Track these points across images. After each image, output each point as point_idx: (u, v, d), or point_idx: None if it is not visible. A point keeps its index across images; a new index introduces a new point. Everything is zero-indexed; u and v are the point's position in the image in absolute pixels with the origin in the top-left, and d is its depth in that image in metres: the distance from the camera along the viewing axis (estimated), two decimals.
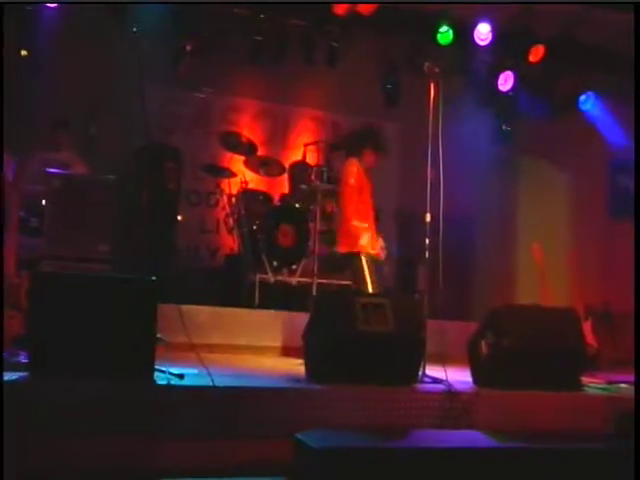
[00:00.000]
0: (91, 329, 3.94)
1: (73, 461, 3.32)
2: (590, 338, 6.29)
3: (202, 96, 8.00)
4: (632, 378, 5.42)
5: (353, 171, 6.02)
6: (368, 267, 5.92)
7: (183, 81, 7.84)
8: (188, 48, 7.57)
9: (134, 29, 5.38)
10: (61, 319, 3.91)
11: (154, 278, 4.24)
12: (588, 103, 8.71)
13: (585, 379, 5.09)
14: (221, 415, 3.90)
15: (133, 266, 6.07)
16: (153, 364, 4.09)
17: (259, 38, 7.72)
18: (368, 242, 5.95)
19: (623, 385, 5.36)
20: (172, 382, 4.04)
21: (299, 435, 3.52)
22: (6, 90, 5.19)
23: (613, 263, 8.21)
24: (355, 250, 5.95)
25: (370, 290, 5.83)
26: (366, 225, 5.99)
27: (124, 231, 6.22)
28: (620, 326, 6.97)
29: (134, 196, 6.78)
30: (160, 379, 4.04)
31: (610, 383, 5.34)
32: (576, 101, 8.69)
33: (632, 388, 5.28)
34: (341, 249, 6.10)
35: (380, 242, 6.12)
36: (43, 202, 5.58)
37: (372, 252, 5.97)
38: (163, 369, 4.15)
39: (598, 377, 5.46)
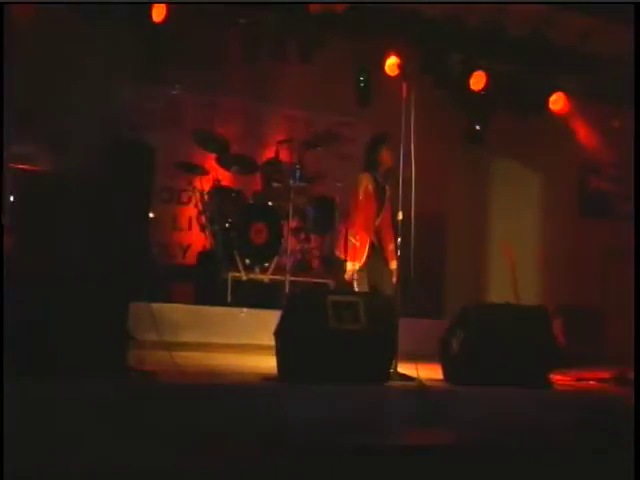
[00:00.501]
0: (61, 329, 3.90)
1: (42, 463, 3.28)
2: (560, 336, 6.37)
3: (174, 93, 7.94)
4: (600, 375, 5.52)
5: (362, 186, 6.06)
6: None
7: (155, 78, 7.78)
8: (160, 44, 7.51)
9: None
10: (32, 319, 3.87)
11: (125, 276, 4.21)
12: (558, 103, 8.80)
13: (555, 376, 5.16)
14: (192, 413, 3.89)
15: (104, 264, 6.02)
16: (125, 363, 4.06)
17: (231, 35, 7.68)
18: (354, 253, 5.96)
19: (592, 382, 5.45)
20: (146, 381, 4.02)
21: (271, 432, 3.54)
22: None
23: (583, 261, 8.31)
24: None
25: None
26: (358, 244, 5.96)
27: (94, 229, 6.16)
28: (589, 323, 7.08)
29: (105, 193, 6.72)
30: (132, 378, 4.02)
31: (579, 380, 5.42)
32: (546, 101, 8.77)
33: (600, 385, 5.38)
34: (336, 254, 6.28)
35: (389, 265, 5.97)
36: (11, 199, 5.52)
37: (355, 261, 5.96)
38: (135, 368, 4.13)
39: (567, 374, 5.54)
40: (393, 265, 5.87)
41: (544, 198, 9.11)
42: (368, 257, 5.98)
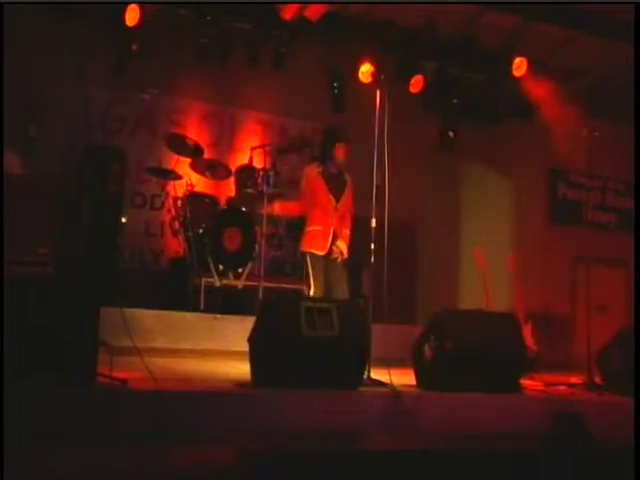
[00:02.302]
0: (31, 334, 3.86)
1: (10, 470, 3.24)
2: (530, 341, 6.44)
3: (147, 97, 7.90)
4: (568, 380, 5.59)
5: (305, 176, 6.22)
6: (313, 268, 6.00)
7: (127, 82, 7.74)
8: (134, 48, 7.47)
9: None
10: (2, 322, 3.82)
11: (96, 281, 4.18)
12: (529, 112, 8.90)
13: (524, 381, 5.21)
14: (165, 420, 3.86)
15: (75, 269, 5.97)
16: (96, 369, 4.03)
17: (205, 40, 7.67)
18: (314, 243, 6.04)
19: (560, 387, 5.51)
20: (115, 387, 3.99)
21: (244, 440, 3.52)
22: None
23: (552, 268, 8.42)
24: (301, 250, 6.16)
25: (312, 291, 5.95)
26: (319, 227, 6.07)
27: (66, 233, 6.11)
28: (558, 329, 7.17)
29: (77, 198, 6.67)
30: (102, 384, 3.99)
31: (548, 385, 5.48)
32: (517, 109, 8.87)
33: (570, 390, 5.44)
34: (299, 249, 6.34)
35: (340, 244, 6.12)
36: None
37: (318, 253, 6.02)
38: (106, 374, 4.09)
39: (537, 379, 5.60)
40: (343, 247, 6.09)
41: (514, 204, 9.21)
42: (331, 244, 6.08)
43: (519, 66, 8.21)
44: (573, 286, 8.39)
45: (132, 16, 7.08)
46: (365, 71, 7.77)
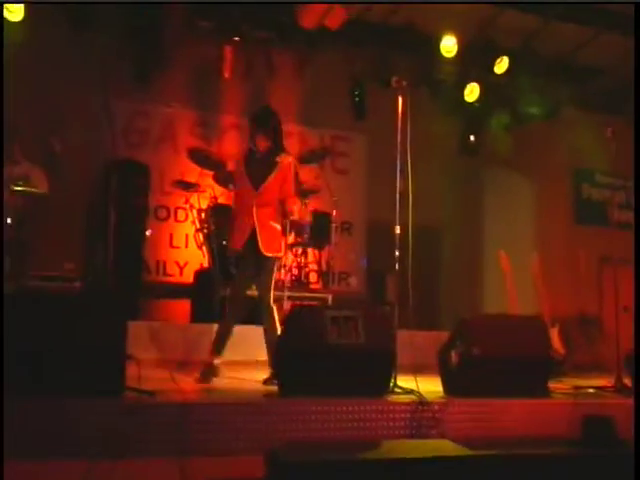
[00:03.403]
0: (60, 348, 3.91)
1: None
2: (557, 344, 6.38)
3: (170, 110, 7.99)
4: (598, 383, 5.52)
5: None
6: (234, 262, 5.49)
7: (149, 95, 7.82)
8: (154, 62, 7.54)
9: None
10: (29, 339, 3.88)
11: (123, 294, 4.22)
12: (551, 113, 8.85)
13: (553, 385, 5.17)
14: (193, 432, 3.89)
15: (101, 283, 6.04)
16: (124, 382, 4.07)
17: (226, 51, 7.71)
18: (232, 237, 5.37)
19: (589, 390, 5.45)
20: (143, 400, 4.02)
21: (272, 450, 3.53)
22: None
23: (578, 269, 8.33)
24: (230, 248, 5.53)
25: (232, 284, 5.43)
26: (237, 219, 5.34)
27: (92, 248, 6.18)
28: (586, 331, 7.09)
29: (102, 212, 6.74)
30: (131, 397, 4.03)
31: (577, 388, 5.42)
32: (539, 110, 8.83)
33: (598, 393, 5.38)
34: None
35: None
36: (9, 221, 5.52)
37: (235, 247, 5.31)
38: (134, 387, 4.13)
39: (565, 383, 5.54)
40: (266, 251, 5.24)
41: (538, 206, 9.15)
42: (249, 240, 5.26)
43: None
44: (600, 287, 8.30)
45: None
46: (386, 77, 7.76)
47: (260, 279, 5.28)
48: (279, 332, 5.04)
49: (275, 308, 5.34)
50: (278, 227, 5.33)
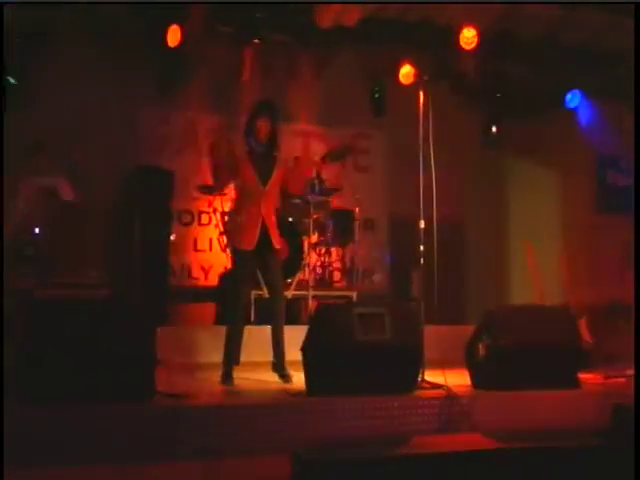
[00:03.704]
0: (91, 355, 3.98)
1: None
2: (586, 334, 6.32)
3: (191, 115, 8.06)
4: (629, 372, 5.46)
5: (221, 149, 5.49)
6: (240, 264, 5.24)
7: (171, 102, 7.88)
8: (176, 68, 7.59)
9: None
10: (60, 346, 3.95)
11: (151, 300, 4.27)
12: (574, 101, 8.77)
13: (582, 375, 5.12)
14: (223, 434, 3.93)
15: (130, 289, 6.11)
16: (154, 387, 4.12)
17: (246, 56, 7.74)
18: (240, 237, 5.18)
19: (620, 379, 5.40)
20: (174, 403, 4.07)
21: (298, 449, 3.55)
22: None
23: (604, 258, 8.24)
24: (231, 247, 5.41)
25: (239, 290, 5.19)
26: (244, 218, 5.17)
27: (118, 254, 6.26)
28: (614, 320, 7.00)
29: (127, 219, 6.81)
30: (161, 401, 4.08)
31: (607, 378, 5.37)
32: (562, 99, 8.75)
33: (629, 382, 5.32)
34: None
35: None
36: (36, 230, 5.61)
37: (246, 248, 5.12)
38: (164, 391, 4.18)
39: (595, 373, 5.50)
40: (277, 244, 5.19)
41: (562, 196, 9.07)
42: (260, 238, 5.13)
43: None
44: (626, 275, 8.18)
45: (174, 37, 7.19)
46: (405, 73, 7.72)
47: (270, 273, 5.24)
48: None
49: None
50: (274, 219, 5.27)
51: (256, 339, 5.46)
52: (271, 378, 5.12)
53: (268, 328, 5.25)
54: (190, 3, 7.06)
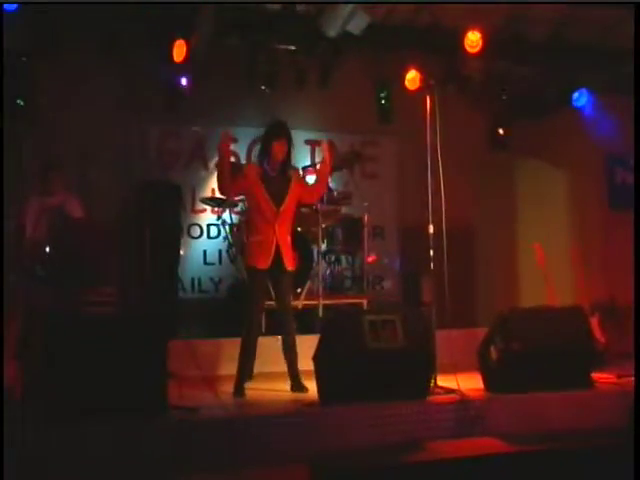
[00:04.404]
0: (104, 370, 4.01)
1: None
2: (598, 333, 6.28)
3: (199, 130, 8.09)
4: None
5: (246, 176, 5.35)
6: (254, 283, 5.24)
7: (179, 117, 7.91)
8: (183, 83, 7.62)
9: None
10: (73, 363, 3.98)
11: (162, 314, 4.30)
12: (581, 99, 8.74)
13: (596, 375, 5.10)
14: (237, 446, 3.94)
15: (141, 304, 6.13)
16: (167, 400, 4.14)
17: (253, 67, 7.75)
18: (255, 257, 5.22)
19: (633, 378, 5.35)
20: (186, 417, 4.09)
21: (316, 459, 3.56)
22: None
23: (615, 256, 8.19)
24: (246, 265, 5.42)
25: (253, 306, 5.21)
26: (259, 238, 5.22)
27: (128, 270, 6.27)
28: (626, 319, 6.95)
29: (137, 234, 6.82)
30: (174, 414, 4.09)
31: (620, 377, 5.33)
32: (569, 98, 8.72)
33: None
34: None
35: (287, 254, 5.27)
36: (47, 249, 5.65)
37: (260, 267, 5.17)
38: (176, 404, 4.20)
39: (608, 372, 5.46)
40: (290, 266, 5.26)
41: (572, 195, 9.03)
42: (274, 258, 5.19)
43: None
44: (635, 277, 8.12)
45: (179, 52, 7.22)
46: (411, 78, 7.72)
47: (280, 291, 5.29)
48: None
49: None
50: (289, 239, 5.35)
51: (267, 349, 5.47)
52: (283, 388, 5.13)
53: (281, 338, 5.26)
54: (194, 3, 7.09)
